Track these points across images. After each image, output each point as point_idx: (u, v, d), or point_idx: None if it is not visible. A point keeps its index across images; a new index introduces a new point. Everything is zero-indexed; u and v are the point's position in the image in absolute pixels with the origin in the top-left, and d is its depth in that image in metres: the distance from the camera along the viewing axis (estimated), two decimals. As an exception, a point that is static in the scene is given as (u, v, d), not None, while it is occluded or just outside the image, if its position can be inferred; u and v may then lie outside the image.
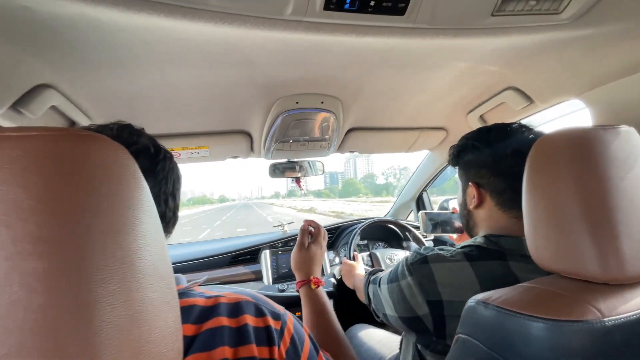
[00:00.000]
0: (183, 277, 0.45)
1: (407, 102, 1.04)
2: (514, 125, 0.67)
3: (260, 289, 1.40)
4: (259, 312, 0.42)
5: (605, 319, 0.33)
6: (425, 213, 1.14)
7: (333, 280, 1.46)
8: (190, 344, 0.37)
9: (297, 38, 0.59)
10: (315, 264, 0.82)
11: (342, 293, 1.40)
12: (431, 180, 1.69)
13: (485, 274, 0.57)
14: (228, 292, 0.44)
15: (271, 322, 0.42)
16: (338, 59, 0.72)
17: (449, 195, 1.59)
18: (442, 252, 0.63)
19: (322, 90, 0.90)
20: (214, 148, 1.16)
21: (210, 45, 0.61)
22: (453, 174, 1.77)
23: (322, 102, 0.94)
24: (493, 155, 0.64)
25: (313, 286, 0.76)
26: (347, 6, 0.51)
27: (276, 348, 0.41)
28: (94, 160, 0.20)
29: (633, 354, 0.34)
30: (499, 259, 0.59)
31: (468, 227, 0.73)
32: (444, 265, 0.60)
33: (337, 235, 1.76)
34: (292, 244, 1.64)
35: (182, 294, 0.41)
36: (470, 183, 0.68)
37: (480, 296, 0.42)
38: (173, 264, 0.92)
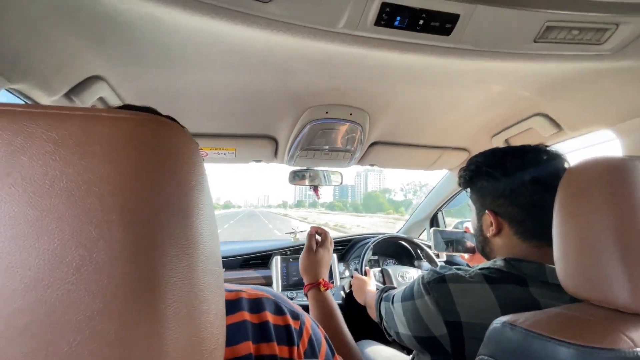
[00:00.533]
0: None
1: (433, 120, 1.06)
2: (528, 148, 0.65)
3: None
4: (279, 310, 0.42)
5: (637, 349, 0.32)
6: (437, 230, 1.14)
7: (342, 293, 1.44)
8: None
9: (340, 51, 0.61)
10: (324, 267, 0.82)
11: (351, 306, 1.38)
12: (448, 200, 1.68)
13: (505, 297, 0.56)
14: (247, 288, 0.43)
15: (290, 321, 0.42)
16: (373, 72, 0.73)
17: (465, 217, 1.58)
18: (460, 272, 0.62)
19: (351, 102, 0.93)
20: (240, 150, 1.18)
21: (254, 51, 0.64)
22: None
23: (350, 114, 0.96)
24: (511, 185, 0.62)
25: (322, 288, 0.76)
26: (397, 23, 0.53)
27: (295, 348, 0.41)
28: (172, 145, 0.22)
29: None
30: (520, 284, 0.58)
31: (484, 253, 0.71)
32: (463, 285, 0.60)
33: (348, 248, 1.75)
34: (303, 252, 1.64)
35: None
36: (487, 211, 0.66)
37: (506, 318, 0.42)
38: None
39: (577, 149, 0.99)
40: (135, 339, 0.18)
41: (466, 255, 1.14)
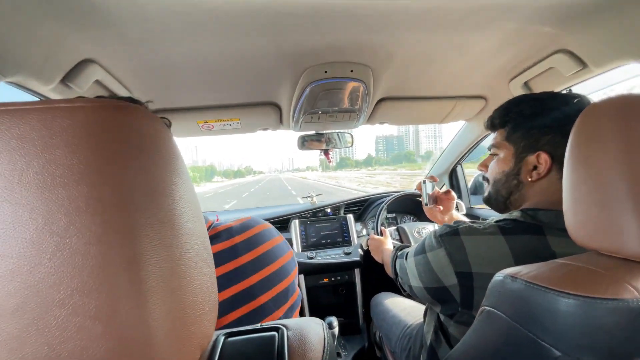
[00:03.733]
0: (211, 213, 0.54)
1: (443, 69, 0.98)
2: (556, 92, 0.61)
3: None
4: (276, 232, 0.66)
5: None
6: (423, 183, 1.13)
7: (360, 250, 1.49)
8: (236, 249, 0.55)
9: (331, 2, 0.57)
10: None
11: (369, 263, 1.43)
12: (466, 153, 1.62)
13: (520, 248, 0.55)
14: (247, 216, 0.64)
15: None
16: (369, 23, 0.68)
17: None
18: (474, 224, 0.62)
19: (351, 58, 0.87)
20: (245, 120, 1.18)
21: (236, 12, 0.61)
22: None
23: (351, 71, 0.91)
24: (559, 120, 0.58)
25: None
26: None
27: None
28: (135, 129, 0.22)
29: None
30: (536, 233, 0.56)
31: (509, 201, 0.67)
32: (476, 237, 0.59)
33: (365, 208, 1.77)
34: (320, 214, 1.68)
35: (216, 225, 0.58)
36: (539, 152, 0.60)
37: (508, 270, 0.42)
38: None
39: (600, 89, 0.89)
40: (117, 312, 0.20)
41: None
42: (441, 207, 1.09)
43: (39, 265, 0.19)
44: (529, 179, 0.62)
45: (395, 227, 1.47)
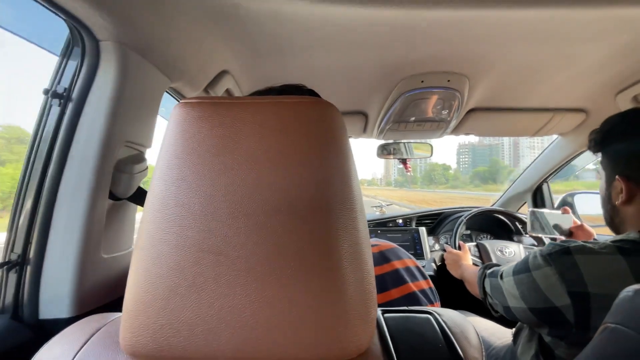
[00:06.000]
0: None
1: (544, 80, 0.94)
2: None
3: None
4: (407, 255, 0.57)
5: None
6: (535, 211, 1.09)
7: (433, 265, 1.44)
8: (381, 282, 0.50)
9: (433, 14, 0.59)
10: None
11: (444, 279, 1.38)
12: (556, 169, 1.49)
13: None
14: (377, 241, 0.58)
15: (417, 262, 0.57)
16: (475, 34, 0.69)
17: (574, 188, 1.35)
18: (587, 244, 0.59)
19: (449, 68, 0.88)
20: None
21: (356, 29, 0.66)
22: (584, 165, 1.52)
23: (448, 81, 0.92)
24: None
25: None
26: None
27: (429, 280, 0.56)
28: (335, 121, 0.27)
29: None
30: None
31: (613, 224, 0.67)
32: (592, 257, 0.57)
33: (438, 222, 1.71)
34: (390, 225, 1.67)
35: None
36: (617, 177, 0.61)
37: (638, 286, 0.39)
38: None
39: None
40: (321, 271, 0.24)
41: (563, 238, 1.04)
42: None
43: (260, 231, 0.24)
44: (617, 203, 0.62)
45: (474, 244, 1.40)
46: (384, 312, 0.35)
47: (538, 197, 1.64)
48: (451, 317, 0.34)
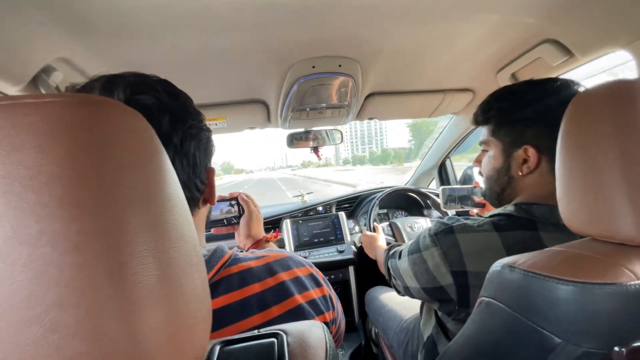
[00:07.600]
0: (224, 245, 0.47)
1: (431, 63, 0.98)
2: (541, 79, 0.61)
3: None
4: (300, 264, 0.51)
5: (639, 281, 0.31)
6: (446, 188, 1.14)
7: (353, 247, 1.48)
8: (262, 298, 0.43)
9: None
10: (261, 225, 0.86)
11: (363, 261, 1.43)
12: (455, 146, 1.63)
13: (513, 244, 0.56)
14: (268, 252, 0.50)
15: (312, 269, 0.52)
16: (356, 15, 0.67)
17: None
18: (468, 221, 0.61)
19: (339, 52, 0.86)
20: (232, 119, 1.15)
21: (217, 7, 0.59)
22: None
23: (339, 66, 0.90)
24: (545, 111, 0.57)
25: (273, 240, 0.81)
26: None
27: (324, 287, 0.51)
28: (111, 125, 0.20)
29: None
30: (529, 229, 0.57)
31: (502, 196, 0.67)
32: (471, 235, 0.59)
33: (356, 205, 1.76)
34: (312, 213, 1.67)
35: (235, 259, 0.46)
36: (526, 146, 0.60)
37: (506, 260, 0.41)
38: None
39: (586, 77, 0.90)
40: (100, 327, 0.18)
41: (475, 210, 1.13)
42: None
43: (10, 279, 0.17)
44: (520, 174, 0.62)
45: (387, 223, 1.47)
46: (224, 344, 0.31)
47: (443, 172, 1.78)
48: (298, 333, 0.31)
